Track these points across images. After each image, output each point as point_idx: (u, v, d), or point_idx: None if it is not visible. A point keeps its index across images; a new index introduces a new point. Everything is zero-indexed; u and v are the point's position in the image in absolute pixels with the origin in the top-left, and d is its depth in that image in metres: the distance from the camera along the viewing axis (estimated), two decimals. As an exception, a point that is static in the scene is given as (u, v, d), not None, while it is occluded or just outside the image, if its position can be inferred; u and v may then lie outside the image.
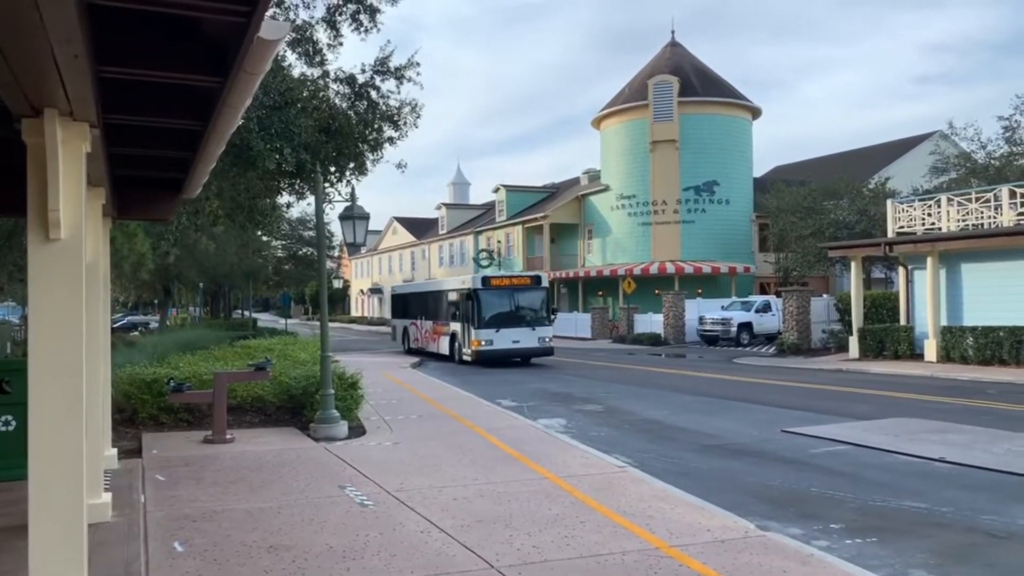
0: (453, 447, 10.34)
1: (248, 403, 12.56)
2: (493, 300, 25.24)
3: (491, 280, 25.87)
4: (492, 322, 24.98)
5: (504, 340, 24.78)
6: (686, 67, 43.18)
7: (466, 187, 74.09)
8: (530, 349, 25.48)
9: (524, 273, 29.65)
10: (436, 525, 6.67)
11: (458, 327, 26.41)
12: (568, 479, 8.35)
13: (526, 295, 25.89)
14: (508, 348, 24.91)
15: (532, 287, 26.18)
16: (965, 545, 6.50)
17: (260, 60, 4.27)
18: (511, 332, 24.97)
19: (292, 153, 11.48)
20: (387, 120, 13.63)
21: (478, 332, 24.82)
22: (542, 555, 5.87)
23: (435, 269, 62.68)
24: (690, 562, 5.69)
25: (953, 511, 7.48)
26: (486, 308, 25.06)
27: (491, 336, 24.74)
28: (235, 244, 35.82)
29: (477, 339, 24.70)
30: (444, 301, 28.26)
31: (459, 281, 27.82)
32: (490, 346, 24.71)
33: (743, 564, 5.66)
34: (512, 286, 25.83)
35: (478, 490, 7.92)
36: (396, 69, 13.51)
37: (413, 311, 32.48)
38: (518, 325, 25.21)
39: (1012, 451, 10.12)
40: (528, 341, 25.23)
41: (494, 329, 24.81)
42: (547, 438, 11.09)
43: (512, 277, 26.88)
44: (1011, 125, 34.39)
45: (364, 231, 12.20)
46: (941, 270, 23.91)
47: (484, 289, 25.25)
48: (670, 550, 5.96)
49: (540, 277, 26.82)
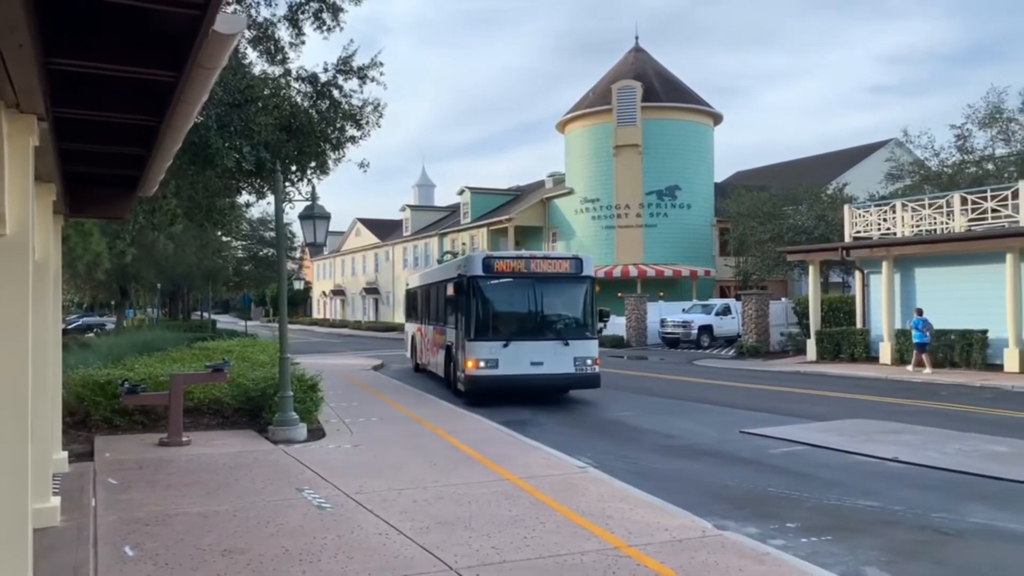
0: (413, 449, 10.27)
1: (205, 405, 12.35)
2: (499, 295, 15.94)
3: (496, 263, 16.01)
4: (497, 330, 15.69)
5: (516, 360, 15.26)
6: (649, 73, 43.57)
7: (431, 189, 73.82)
8: (561, 377, 15.60)
9: (554, 254, 18.61)
10: (395, 527, 6.62)
11: (452, 336, 17.22)
12: (529, 480, 8.34)
13: (556, 288, 16.11)
14: (523, 374, 15.26)
15: (566, 276, 16.19)
16: (916, 543, 6.63)
17: (216, 55, 4.20)
18: (529, 348, 15.38)
19: (252, 151, 11.34)
20: (349, 119, 13.53)
21: (472, 346, 15.40)
22: (501, 556, 5.85)
23: (399, 271, 62.35)
24: (648, 561, 5.72)
25: (905, 510, 7.63)
26: (487, 308, 15.78)
27: (494, 353, 15.28)
28: (194, 244, 35.27)
29: (472, 358, 15.38)
30: (441, 296, 19.16)
31: (453, 265, 18.52)
32: (492, 370, 15.21)
33: (700, 563, 5.71)
34: (532, 274, 15.97)
35: (438, 492, 7.88)
36: (359, 68, 13.42)
37: (420, 312, 23.61)
38: (540, 336, 15.64)
39: (962, 451, 10.36)
40: (557, 363, 15.45)
41: (500, 342, 15.34)
42: (508, 439, 11.08)
43: (534, 258, 16.53)
44: (963, 134, 35.30)
45: (325, 231, 12.07)
46: (896, 274, 24.43)
47: (484, 277, 15.73)
48: (628, 550, 5.99)
49: (581, 261, 16.42)
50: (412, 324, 25.23)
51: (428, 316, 21.61)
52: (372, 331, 57.23)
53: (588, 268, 16.34)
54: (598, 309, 16.60)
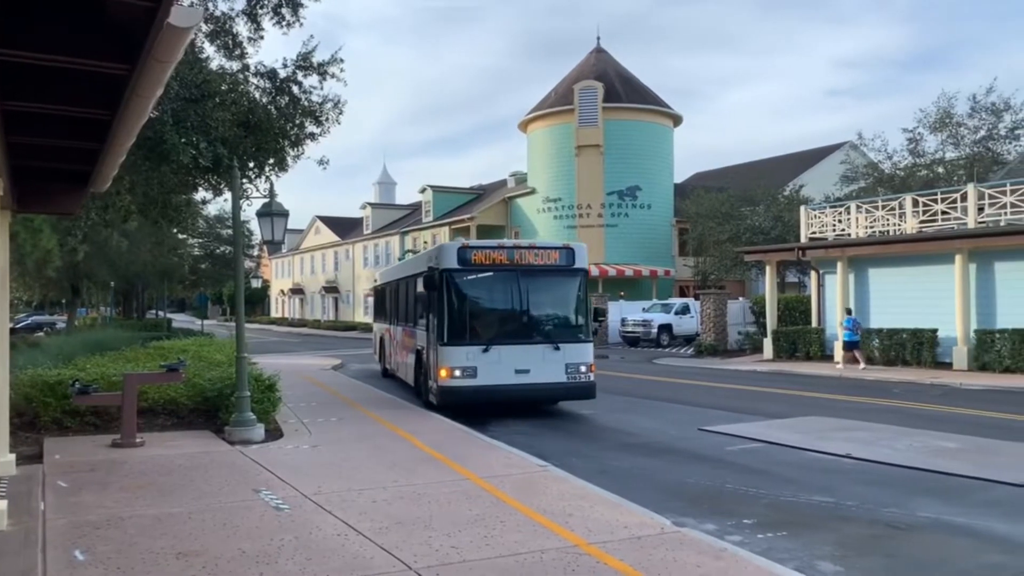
0: (373, 449, 10.20)
1: (160, 406, 12.11)
2: (478, 292, 14.05)
3: (473, 254, 13.82)
4: (475, 332, 13.64)
5: (498, 368, 13.28)
6: (611, 74, 43.86)
7: (392, 187, 73.40)
8: (550, 387, 13.73)
9: (542, 243, 15.75)
10: (354, 528, 6.56)
11: (423, 339, 14.98)
12: (490, 479, 8.34)
13: (544, 283, 14.09)
14: (506, 384, 13.33)
15: (556, 269, 14.17)
16: (868, 537, 6.77)
17: (171, 48, 4.12)
18: (513, 353, 13.43)
19: (208, 147, 11.16)
20: (309, 116, 13.41)
21: (447, 352, 13.32)
22: (461, 555, 5.84)
23: (359, 270, 61.88)
24: (607, 559, 5.76)
25: (858, 505, 7.79)
26: (463, 306, 13.76)
27: (472, 360, 13.24)
28: (149, 242, 34.55)
29: (446, 365, 13.24)
30: (411, 293, 17.05)
31: (424, 257, 16.28)
32: (470, 379, 13.18)
33: (659, 560, 5.76)
34: (516, 266, 13.86)
35: (398, 492, 7.84)
36: (319, 65, 13.31)
37: (388, 311, 21.04)
38: (527, 339, 13.64)
39: (913, 447, 10.62)
40: (546, 370, 13.53)
41: (479, 347, 13.33)
42: (469, 439, 11.06)
43: (518, 248, 14.23)
44: (915, 137, 36.18)
45: (283, 229, 11.92)
46: (850, 274, 24.94)
47: (460, 271, 13.66)
48: (588, 548, 6.02)
49: (573, 251, 14.38)
50: (380, 324, 22.97)
51: (397, 316, 19.25)
52: (332, 330, 56.76)
53: (581, 259, 14.29)
54: (593, 307, 14.83)
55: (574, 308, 14.26)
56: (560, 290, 14.23)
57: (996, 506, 7.71)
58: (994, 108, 35.70)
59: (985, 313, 21.55)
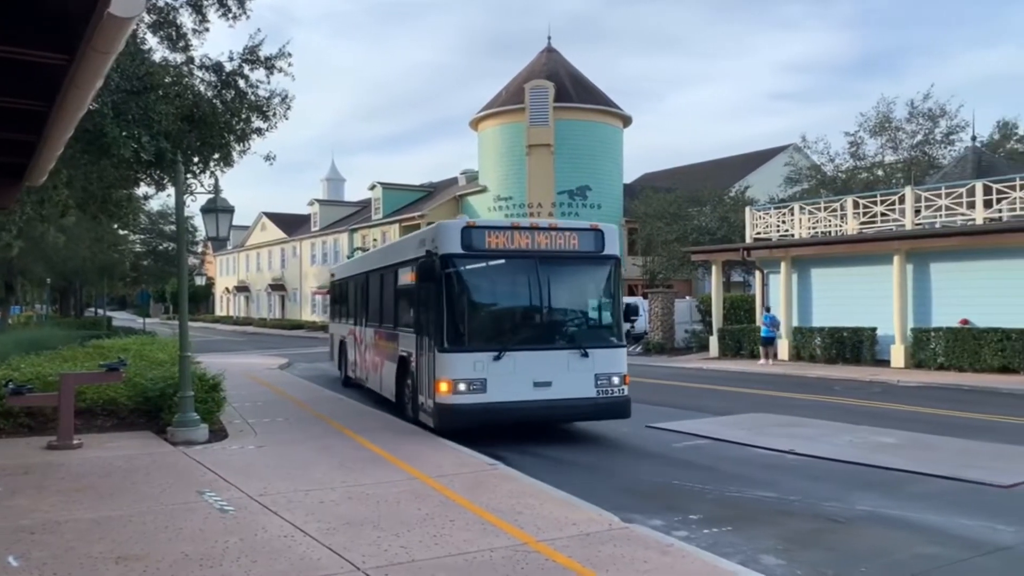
0: (321, 449, 10.08)
1: (99, 406, 11.78)
2: (487, 283, 11.42)
3: (483, 235, 11.12)
4: (484, 336, 11.05)
5: (513, 380, 10.72)
6: (561, 73, 44.08)
7: (340, 183, 72.59)
8: (577, 404, 11.07)
9: (565, 223, 12.67)
10: (301, 529, 6.47)
11: (410, 344, 12.13)
12: (439, 479, 8.31)
13: (569, 273, 11.66)
14: (523, 401, 10.77)
15: (583, 255, 11.61)
16: (810, 531, 6.95)
17: (112, 38, 4.01)
18: (531, 361, 10.90)
19: (151, 141, 10.89)
20: (256, 110, 13.17)
21: (447, 360, 10.70)
22: (410, 555, 5.81)
23: (306, 267, 61.08)
24: (556, 556, 5.79)
25: (800, 499, 7.98)
26: (469, 302, 11.16)
27: (480, 370, 10.66)
28: (88, 237, 33.55)
29: (447, 377, 10.65)
30: (390, 287, 14.11)
31: (413, 241, 12.72)
32: (478, 395, 10.63)
33: (606, 555, 5.82)
34: (535, 252, 11.22)
35: (346, 492, 7.76)
36: (266, 59, 13.08)
37: (353, 309, 18.11)
38: (548, 343, 11.14)
39: (853, 443, 10.92)
40: (572, 382, 10.99)
41: (489, 353, 10.71)
42: (419, 438, 11.00)
43: (537, 228, 11.42)
44: (855, 141, 37.22)
45: (228, 225, 11.69)
46: (793, 274, 25.53)
47: (465, 256, 10.97)
48: (537, 545, 6.04)
49: (602, 234, 11.70)
50: (340, 325, 19.78)
51: (366, 315, 16.34)
52: (278, 329, 55.93)
53: (612, 243, 11.59)
54: (624, 303, 12.11)
55: (605, 304, 11.65)
56: (587, 281, 11.76)
57: (930, 499, 7.98)
58: (930, 114, 36.92)
59: (921, 312, 22.27)
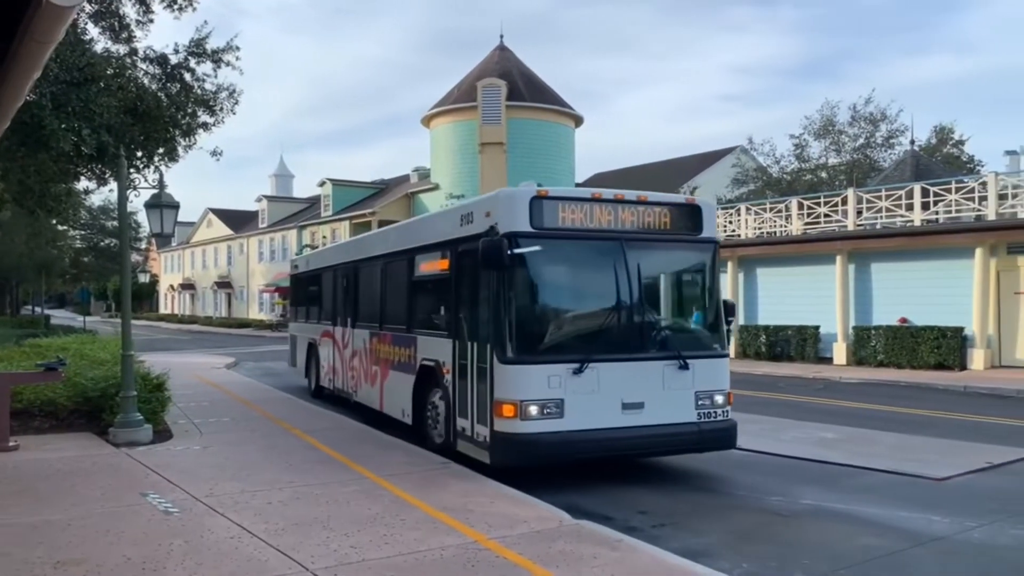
0: (269, 449, 9.93)
1: (37, 407, 11.40)
2: (563, 272, 8.82)
3: (558, 208, 8.53)
4: (559, 340, 8.39)
5: (597, 400, 8.14)
6: (514, 72, 44.14)
7: (289, 180, 71.48)
8: (674, 431, 8.50)
9: (655, 196, 9.09)
10: (248, 530, 6.37)
11: (441, 351, 9.60)
12: (389, 477, 8.26)
13: (661, 259, 9.23)
14: (610, 429, 8.19)
15: (676, 237, 9.14)
16: (756, 524, 7.10)
17: (51, 28, 3.89)
18: (619, 375, 8.32)
19: (92, 135, 10.58)
20: (202, 105, 12.90)
21: (513, 374, 8.02)
22: (360, 555, 5.77)
23: (254, 264, 60.08)
24: (506, 553, 5.81)
25: (747, 494, 8.16)
26: (541, 296, 8.65)
27: (556, 388, 8.02)
28: (24, 233, 32.49)
29: (511, 398, 7.94)
30: (401, 274, 11.39)
31: (451, 216, 9.73)
32: (553, 420, 7.96)
33: (557, 552, 5.85)
34: (621, 232, 8.65)
35: (294, 492, 7.66)
36: (213, 52, 12.83)
37: (330, 304, 15.53)
38: (638, 351, 8.51)
39: (797, 438, 11.18)
40: (668, 403, 8.49)
41: (568, 365, 8.07)
42: (369, 438, 10.92)
43: (623, 202, 8.74)
44: (800, 143, 38.08)
45: (173, 221, 11.44)
46: (740, 273, 26.02)
47: (537, 235, 8.31)
48: (488, 543, 6.05)
49: (699, 211, 9.20)
50: (310, 325, 16.92)
51: (354, 313, 13.64)
52: (225, 327, 54.92)
53: (711, 224, 9.19)
54: (726, 301, 9.53)
55: (705, 301, 9.34)
56: (683, 271, 9.42)
57: (870, 492, 8.22)
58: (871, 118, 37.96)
59: (862, 311, 22.92)
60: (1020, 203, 22.00)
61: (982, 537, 6.75)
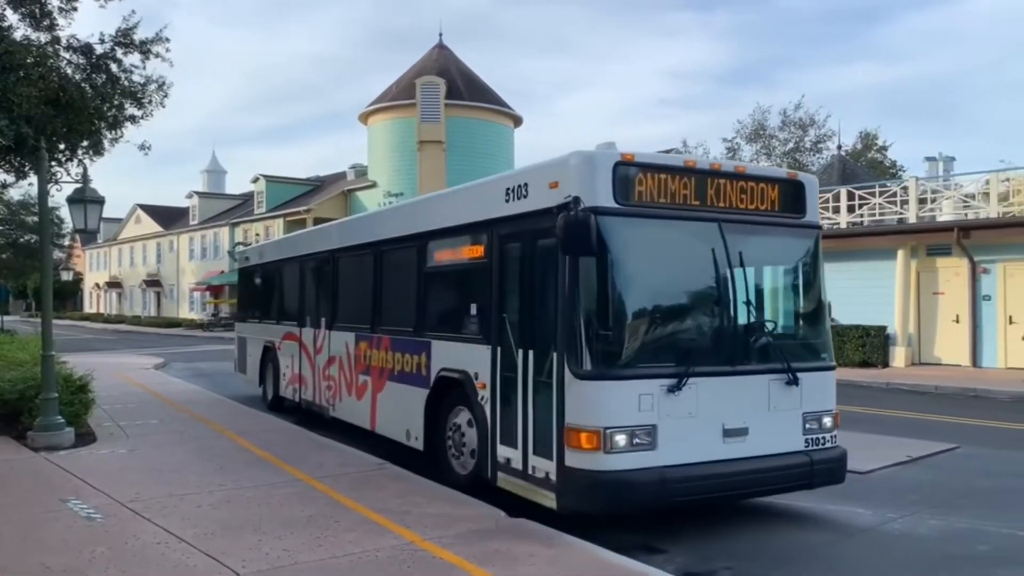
0: (199, 452, 9.67)
1: (-52, 411, 10.87)
2: (655, 261, 6.88)
3: (649, 178, 6.65)
4: (650, 348, 6.57)
5: (696, 426, 6.45)
6: (453, 71, 44.02)
7: (222, 175, 69.81)
8: (783, 462, 6.87)
9: (754, 168, 7.65)
10: (176, 535, 6.18)
11: (479, 362, 7.59)
12: (324, 479, 8.13)
13: (761, 246, 7.25)
14: (712, 463, 6.50)
15: (777, 220, 7.32)
16: (689, 521, 7.20)
17: (-38, 10, 3.69)
18: (720, 392, 6.61)
19: (10, 125, 10.14)
20: (129, 97, 12.49)
21: (592, 392, 6.21)
22: (293, 558, 5.65)
23: (184, 262, 58.55)
24: (443, 553, 5.78)
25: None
26: (628, 292, 6.65)
27: (647, 412, 6.25)
28: (-63, 228, 30.92)
29: (593, 423, 6.13)
30: (410, 264, 9.31)
31: (489, 190, 7.77)
32: (644, 452, 6.21)
33: (493, 551, 5.85)
34: (715, 214, 6.91)
35: (225, 496, 7.47)
36: (141, 42, 12.43)
37: (293, 302, 13.69)
38: (740, 362, 6.80)
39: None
40: (773, 428, 6.85)
41: (660, 381, 6.33)
42: (303, 438, 10.73)
43: (717, 174, 7.03)
44: (733, 147, 38.99)
45: (98, 217, 11.03)
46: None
47: (620, 213, 6.44)
48: (424, 543, 6.01)
49: (801, 187, 7.49)
50: (267, 326, 14.75)
51: (333, 311, 11.79)
52: (154, 327, 53.37)
53: (814, 205, 7.65)
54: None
55: (809, 300, 7.81)
56: (785, 262, 7.77)
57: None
58: (801, 123, 39.12)
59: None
60: (939, 207, 22.97)
61: (903, 528, 7.02)
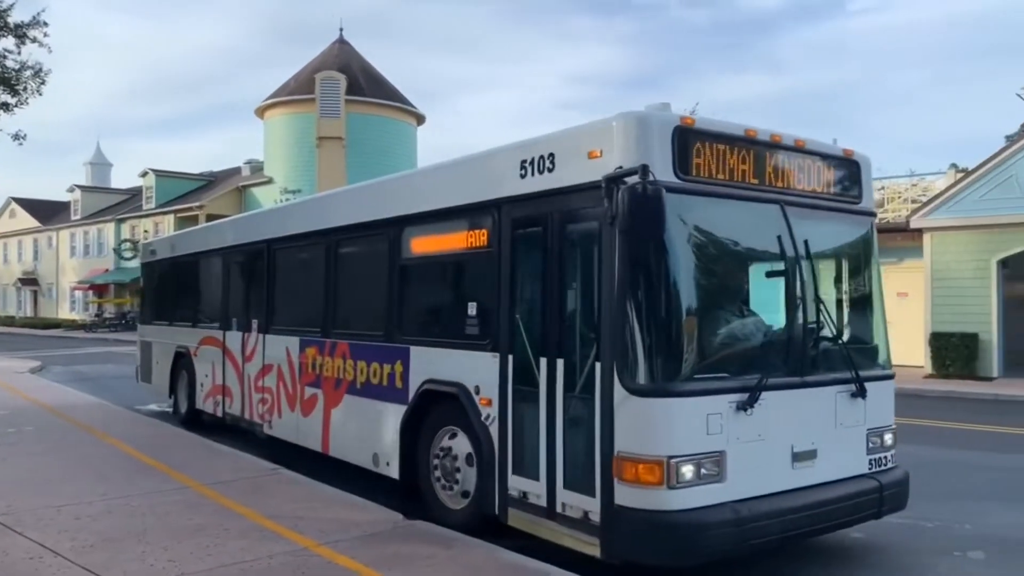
0: (78, 460, 9.17)
1: None
2: (717, 248, 5.56)
3: (711, 149, 5.39)
4: (714, 357, 5.41)
5: (763, 450, 5.29)
6: (354, 66, 43.35)
7: (107, 169, 66.47)
8: (852, 488, 5.81)
9: (813, 143, 6.15)
10: (51, 549, 5.84)
11: (483, 372, 6.30)
12: (214, 486, 7.86)
13: (824, 234, 6.09)
14: (782, 495, 5.34)
15: (835, 205, 6.21)
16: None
17: None
18: (788, 406, 5.45)
19: None
20: (3, 83, 11.77)
21: (653, 410, 4.96)
22: (179, 568, 5.44)
23: (64, 259, 55.47)
24: (338, 558, 5.68)
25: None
26: (689, 287, 5.35)
27: (716, 435, 5.06)
28: None
29: (653, 451, 4.88)
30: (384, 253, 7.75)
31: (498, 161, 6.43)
32: (712, 484, 5.03)
33: (391, 554, 5.79)
34: (778, 194, 5.75)
35: (106, 506, 7.11)
36: (16, 26, 11.75)
37: (215, 301, 11.88)
38: (809, 371, 5.65)
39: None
40: (838, 449, 5.80)
41: (728, 397, 5.14)
42: (193, 444, 10.34)
43: (777, 148, 5.83)
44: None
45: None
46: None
47: (680, 190, 5.13)
48: (319, 548, 5.89)
49: (858, 169, 6.40)
50: (179, 329, 13.04)
51: (269, 312, 10.24)
52: (30, 328, 50.36)
53: (869, 189, 6.63)
54: None
55: (869, 298, 6.66)
56: (845, 254, 6.62)
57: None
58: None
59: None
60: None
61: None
